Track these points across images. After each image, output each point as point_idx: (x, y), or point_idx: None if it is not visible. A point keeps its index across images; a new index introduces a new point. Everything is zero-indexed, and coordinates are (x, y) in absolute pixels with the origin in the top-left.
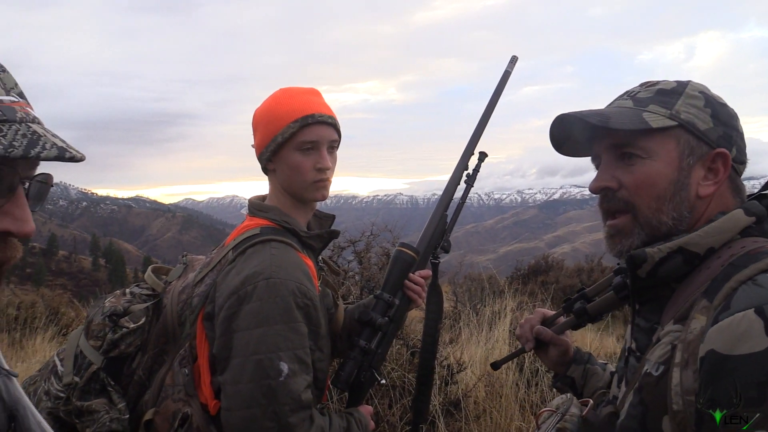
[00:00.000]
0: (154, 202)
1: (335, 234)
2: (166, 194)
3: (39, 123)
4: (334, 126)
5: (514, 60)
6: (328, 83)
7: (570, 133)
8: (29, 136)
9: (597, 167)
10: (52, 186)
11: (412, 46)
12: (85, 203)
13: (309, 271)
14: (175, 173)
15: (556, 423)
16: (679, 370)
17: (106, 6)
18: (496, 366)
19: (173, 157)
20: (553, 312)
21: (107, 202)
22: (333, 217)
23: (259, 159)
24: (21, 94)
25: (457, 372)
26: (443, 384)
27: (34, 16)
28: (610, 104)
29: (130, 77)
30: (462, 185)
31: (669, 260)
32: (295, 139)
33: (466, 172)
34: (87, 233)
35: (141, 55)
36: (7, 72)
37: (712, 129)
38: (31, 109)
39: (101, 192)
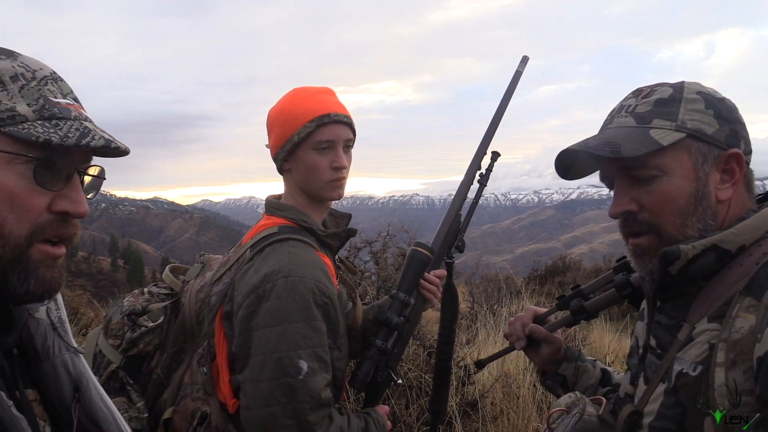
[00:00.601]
0: (172, 203)
1: (352, 232)
2: (183, 195)
3: (90, 121)
4: (349, 125)
5: (525, 60)
6: (344, 84)
7: (576, 162)
8: (81, 129)
9: (608, 186)
10: (104, 179)
11: (429, 46)
12: (104, 205)
13: (327, 269)
14: (193, 174)
15: (575, 423)
16: (723, 370)
17: (125, 10)
18: (480, 364)
19: (190, 158)
20: (545, 309)
21: (126, 203)
22: (349, 216)
23: (275, 159)
24: (76, 99)
25: (474, 373)
26: (460, 385)
27: (54, 20)
28: (609, 122)
29: (148, 80)
30: (475, 185)
31: (702, 257)
32: (312, 138)
33: (479, 172)
34: (106, 234)
35: (159, 57)
36: (64, 80)
37: (719, 130)
38: (84, 111)
39: (120, 193)
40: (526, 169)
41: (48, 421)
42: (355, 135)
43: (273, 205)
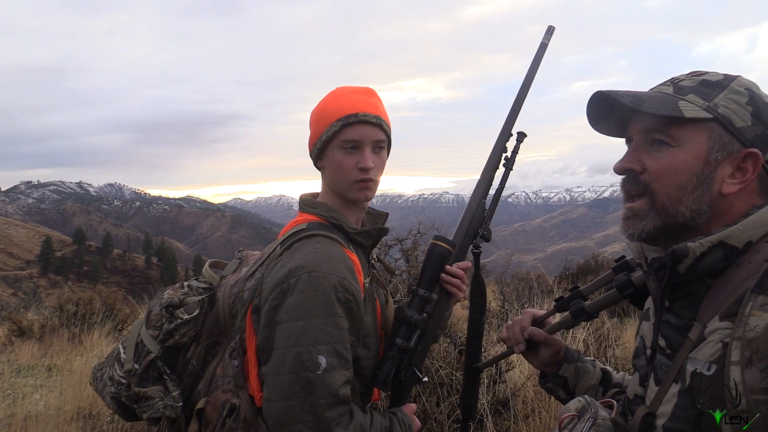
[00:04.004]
0: (204, 201)
1: (384, 231)
2: (215, 194)
3: None
4: (379, 126)
5: (550, 30)
6: (375, 82)
7: (608, 112)
8: None
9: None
10: None
11: (461, 43)
12: (138, 203)
13: (353, 266)
14: (225, 173)
15: (589, 428)
16: (738, 369)
17: (159, 11)
18: (478, 369)
19: (223, 157)
20: (543, 312)
21: (159, 201)
22: (386, 215)
23: (311, 156)
24: None
25: (506, 371)
26: (491, 383)
27: (90, 23)
28: (653, 88)
29: (182, 80)
30: (500, 170)
31: (709, 255)
32: (338, 138)
33: (504, 155)
34: (140, 232)
35: (193, 58)
36: None
37: (749, 128)
38: None
39: (154, 192)
40: (558, 167)
41: None
42: (389, 136)
43: (306, 202)
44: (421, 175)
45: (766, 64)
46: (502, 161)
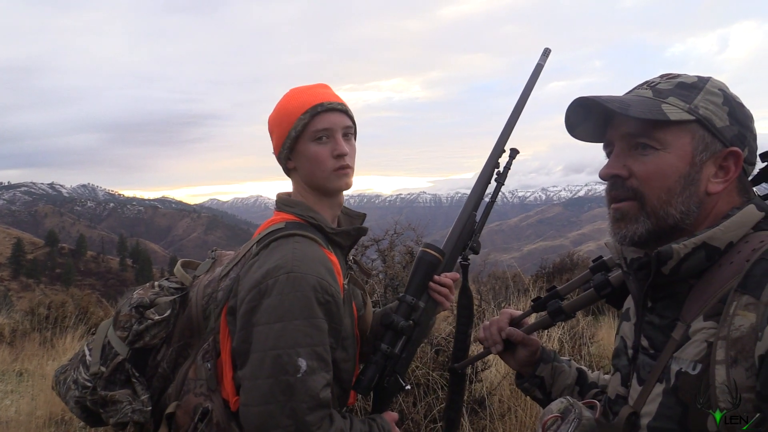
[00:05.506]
0: (180, 202)
1: (363, 231)
2: (191, 195)
3: None
4: (345, 112)
5: (546, 53)
6: (351, 81)
7: (586, 117)
8: None
9: (608, 155)
10: None
11: (438, 42)
12: (112, 204)
13: (332, 267)
14: (200, 174)
15: (574, 429)
16: (724, 368)
17: (132, 8)
18: (453, 370)
19: (198, 157)
20: (520, 312)
21: (134, 203)
22: (363, 215)
23: (279, 159)
24: None
25: (482, 370)
26: (468, 382)
27: (60, 20)
28: (628, 92)
29: (156, 79)
30: (491, 184)
31: (692, 256)
32: (308, 129)
33: (496, 170)
34: (114, 234)
35: (166, 56)
36: None
37: (728, 127)
38: None
39: (128, 193)
40: (534, 167)
41: None
42: (354, 123)
43: (283, 201)
44: (398, 175)
45: (737, 64)
46: (494, 176)
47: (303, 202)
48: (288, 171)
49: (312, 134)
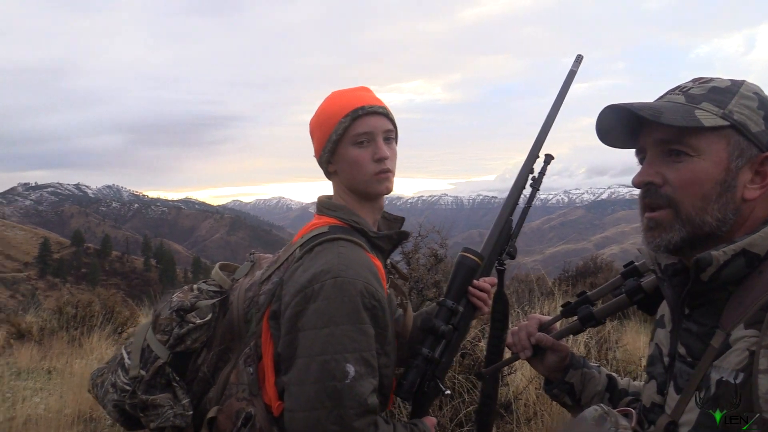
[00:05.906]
0: (203, 203)
1: (405, 235)
2: (214, 196)
3: None
4: (386, 116)
5: (579, 59)
6: (373, 83)
7: (617, 124)
8: None
9: (640, 161)
10: None
11: (459, 44)
12: (136, 205)
13: (377, 271)
14: (223, 175)
15: None
16: (767, 377)
17: (153, 11)
18: (481, 375)
19: (221, 159)
20: (549, 317)
21: (158, 204)
22: (402, 219)
23: (320, 163)
24: None
25: (508, 374)
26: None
27: (82, 22)
28: (660, 98)
29: (178, 81)
30: (527, 189)
31: (732, 263)
32: (349, 133)
33: (531, 176)
34: (139, 234)
35: (189, 58)
36: None
37: (764, 132)
38: None
39: (152, 194)
40: (556, 169)
41: None
42: (396, 127)
43: (325, 204)
44: (419, 176)
45: (764, 65)
46: (529, 181)
47: (345, 205)
48: (329, 174)
49: (353, 138)
